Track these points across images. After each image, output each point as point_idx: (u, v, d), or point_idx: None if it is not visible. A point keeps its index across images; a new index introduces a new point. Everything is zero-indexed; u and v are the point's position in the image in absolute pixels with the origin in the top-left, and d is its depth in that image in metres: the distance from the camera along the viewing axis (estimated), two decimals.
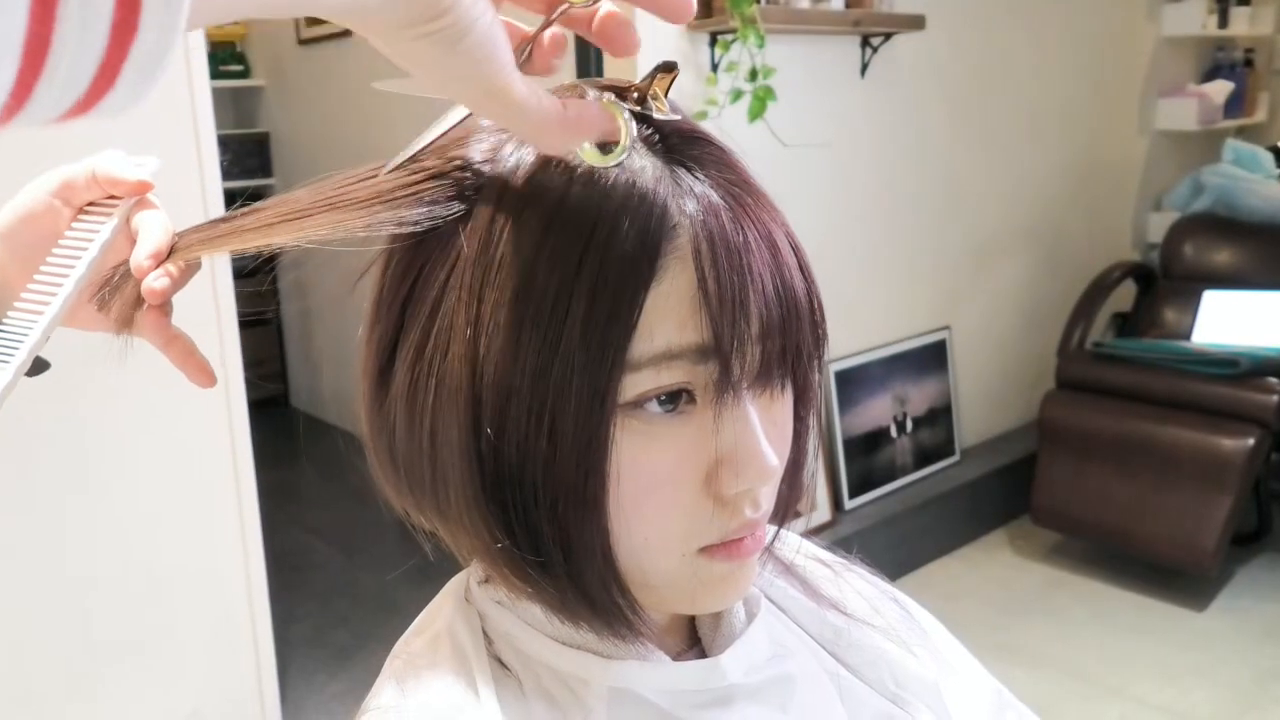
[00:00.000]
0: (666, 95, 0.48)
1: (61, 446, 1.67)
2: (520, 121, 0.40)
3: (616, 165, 0.44)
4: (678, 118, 0.47)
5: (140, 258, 0.50)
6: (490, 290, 0.44)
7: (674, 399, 0.45)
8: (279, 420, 4.37)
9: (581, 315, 0.42)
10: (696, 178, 0.45)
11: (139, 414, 1.74)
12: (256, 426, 1.93)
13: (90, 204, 0.54)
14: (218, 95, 2.05)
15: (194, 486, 1.83)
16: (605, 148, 0.43)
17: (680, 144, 0.47)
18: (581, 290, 0.42)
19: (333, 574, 2.97)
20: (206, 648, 1.88)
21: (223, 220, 0.51)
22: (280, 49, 4.12)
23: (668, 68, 0.47)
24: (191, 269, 0.52)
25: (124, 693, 1.78)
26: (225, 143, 4.00)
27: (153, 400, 1.74)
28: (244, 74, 4.27)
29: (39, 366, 0.55)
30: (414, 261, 0.47)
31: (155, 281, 0.50)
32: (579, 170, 0.44)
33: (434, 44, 0.36)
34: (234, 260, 0.56)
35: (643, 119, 0.47)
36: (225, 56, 4.21)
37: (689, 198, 0.45)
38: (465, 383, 0.44)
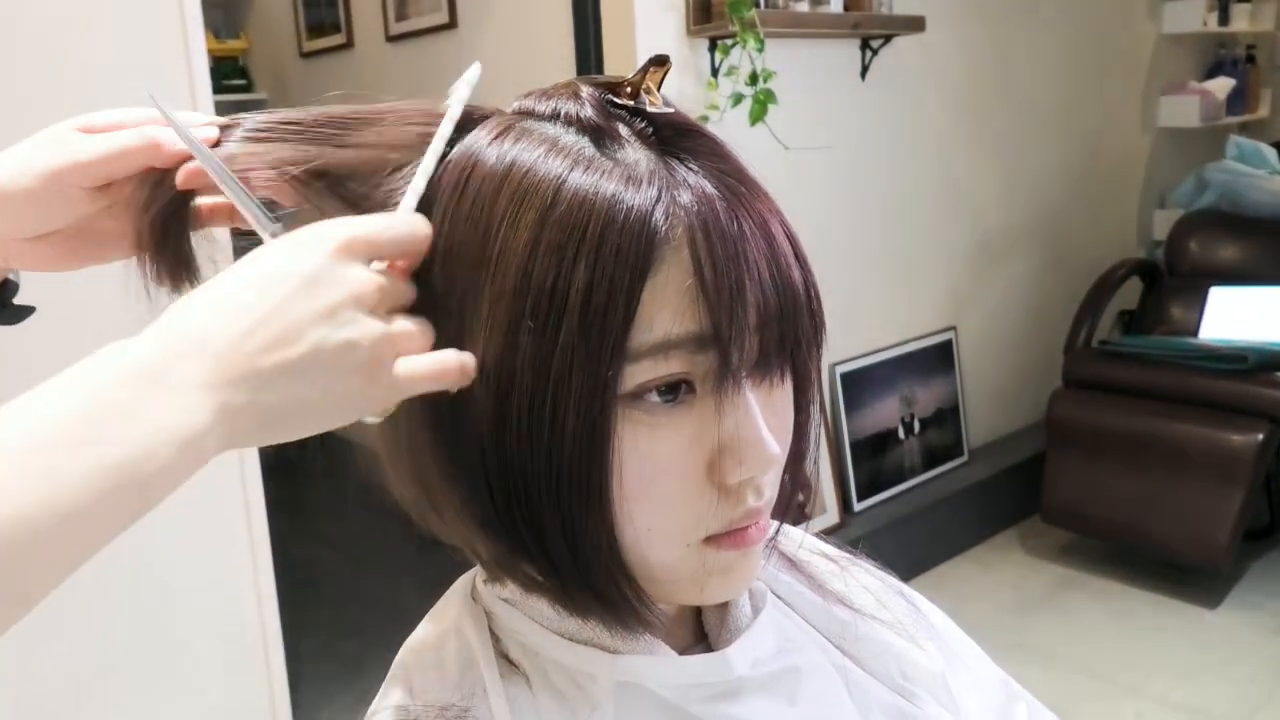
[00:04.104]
0: (659, 88, 0.48)
1: None
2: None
3: None
4: (670, 110, 0.48)
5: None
6: (488, 285, 0.44)
7: (674, 389, 0.45)
8: None
9: (579, 308, 0.43)
10: (690, 169, 0.46)
11: None
12: None
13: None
14: (221, 109, 2.06)
15: (202, 498, 1.83)
16: None
17: (674, 136, 0.47)
18: (578, 283, 0.43)
19: (343, 584, 2.97)
20: (217, 660, 1.88)
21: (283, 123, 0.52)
22: (282, 62, 4.14)
23: (659, 61, 0.48)
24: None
25: (133, 706, 1.78)
26: None
27: None
28: (247, 88, 4.30)
29: (21, 313, 0.55)
30: (413, 267, 0.47)
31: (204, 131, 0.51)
32: (574, 164, 0.45)
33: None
34: None
35: (637, 112, 0.47)
36: (228, 70, 4.24)
37: (683, 189, 0.45)
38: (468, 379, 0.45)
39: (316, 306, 0.41)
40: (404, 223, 0.45)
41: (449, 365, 0.44)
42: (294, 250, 0.42)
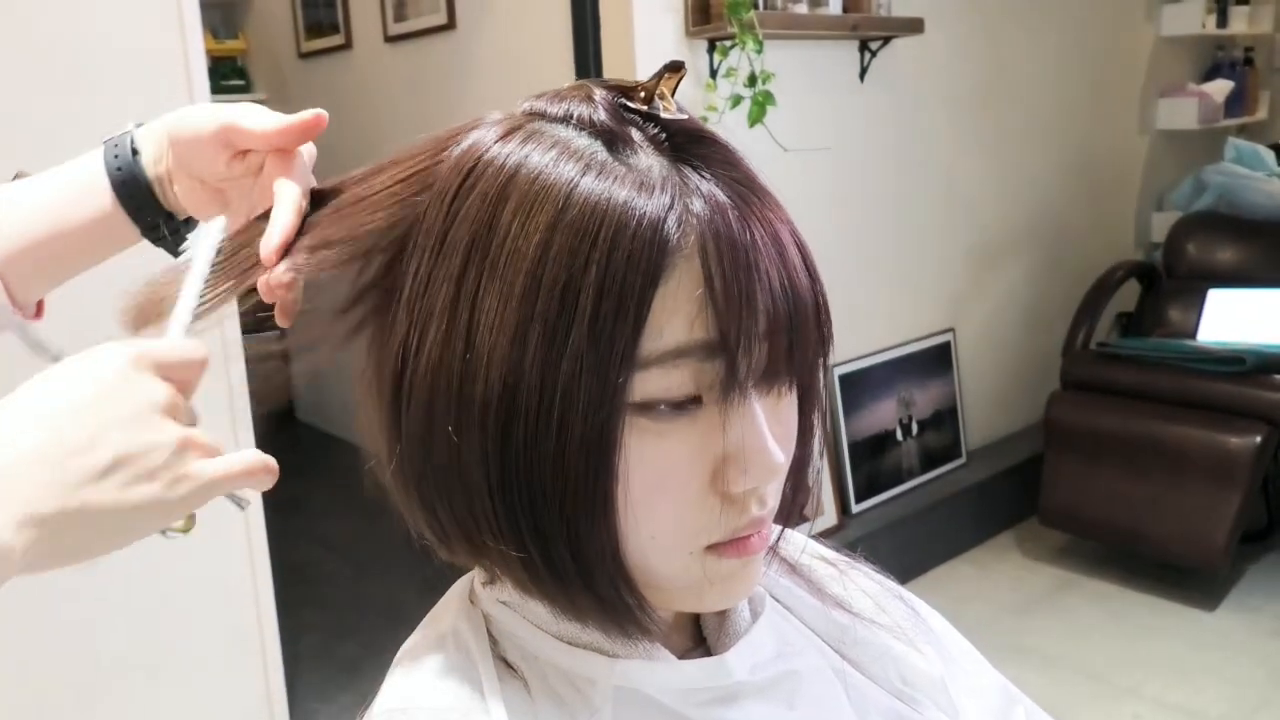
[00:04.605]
0: (673, 95, 0.48)
1: None
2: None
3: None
4: (684, 117, 0.48)
5: (270, 247, 0.52)
6: (498, 288, 0.44)
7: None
8: (285, 433, 4.37)
9: (589, 314, 0.43)
10: (703, 176, 0.46)
11: None
12: (262, 440, 1.93)
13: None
14: None
15: None
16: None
17: (687, 143, 0.47)
18: (589, 289, 0.43)
19: (341, 586, 2.97)
20: (215, 661, 1.88)
21: (334, 192, 0.53)
22: (281, 62, 4.14)
23: (674, 67, 0.48)
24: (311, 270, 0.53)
25: (132, 707, 1.78)
26: None
27: None
28: (245, 88, 4.29)
29: None
30: (422, 261, 0.47)
31: (283, 276, 0.52)
32: (586, 168, 0.44)
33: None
34: None
35: (650, 118, 0.47)
36: (226, 70, 4.24)
37: (695, 196, 0.45)
38: (474, 383, 0.45)
39: (118, 411, 0.43)
40: (188, 347, 0.48)
41: (254, 464, 0.47)
42: (90, 362, 0.44)
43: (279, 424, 4.40)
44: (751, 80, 2.31)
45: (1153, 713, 2.25)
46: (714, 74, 2.37)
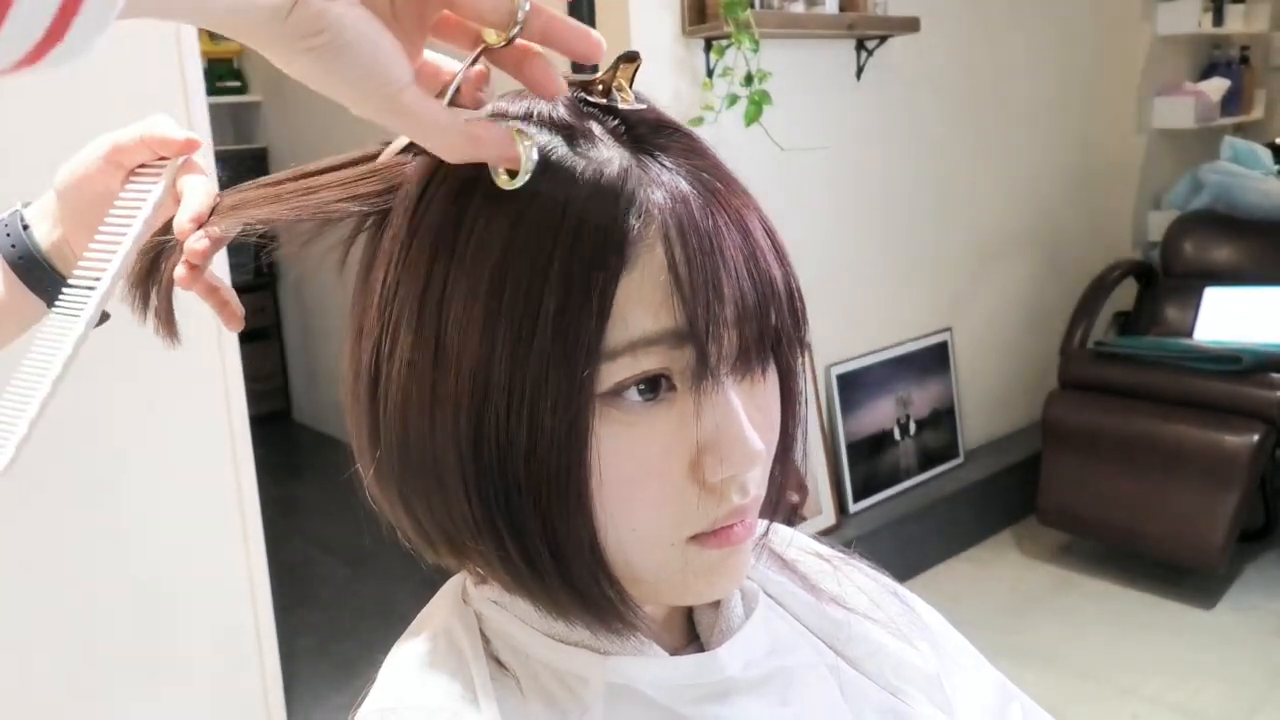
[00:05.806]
0: (631, 85, 0.48)
1: (63, 462, 1.67)
2: (416, 130, 0.43)
3: (520, 188, 0.44)
4: (642, 107, 0.48)
5: (183, 220, 0.52)
6: (464, 288, 0.44)
7: (654, 387, 0.45)
8: (281, 434, 4.37)
9: (554, 308, 0.43)
10: (664, 166, 0.46)
11: (141, 429, 1.74)
12: (259, 441, 1.92)
13: (140, 166, 0.57)
14: (215, 111, 2.06)
15: (197, 501, 1.83)
16: (513, 173, 0.44)
17: (647, 133, 0.47)
18: (552, 283, 0.43)
19: (337, 586, 2.96)
20: (211, 661, 1.88)
21: (261, 184, 0.53)
22: None
23: (629, 58, 0.48)
24: (226, 237, 0.53)
25: (129, 707, 1.78)
26: (224, 159, 4.01)
27: (155, 415, 1.74)
28: (241, 89, 4.29)
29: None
30: (391, 266, 0.47)
31: (196, 243, 0.51)
32: (546, 165, 0.44)
33: (316, 59, 0.40)
34: (234, 273, 0.57)
35: (608, 110, 0.47)
36: (222, 72, 4.23)
37: (656, 186, 0.45)
38: (445, 383, 0.45)
39: None
40: None
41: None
42: None
43: (275, 425, 4.40)
44: (748, 79, 2.31)
45: (1151, 712, 2.25)
46: (710, 73, 2.37)
